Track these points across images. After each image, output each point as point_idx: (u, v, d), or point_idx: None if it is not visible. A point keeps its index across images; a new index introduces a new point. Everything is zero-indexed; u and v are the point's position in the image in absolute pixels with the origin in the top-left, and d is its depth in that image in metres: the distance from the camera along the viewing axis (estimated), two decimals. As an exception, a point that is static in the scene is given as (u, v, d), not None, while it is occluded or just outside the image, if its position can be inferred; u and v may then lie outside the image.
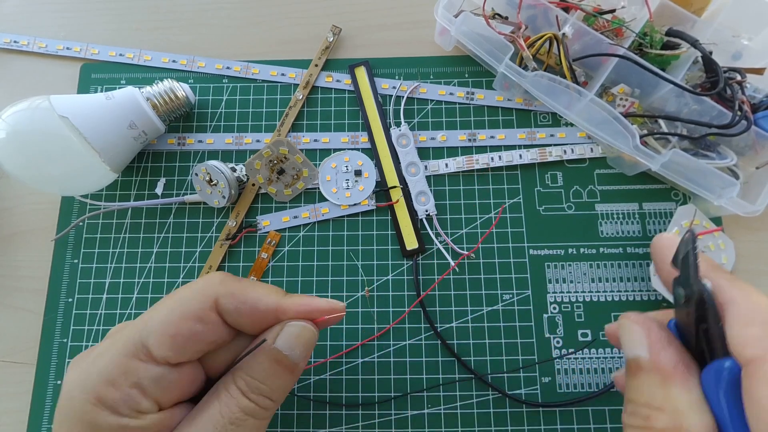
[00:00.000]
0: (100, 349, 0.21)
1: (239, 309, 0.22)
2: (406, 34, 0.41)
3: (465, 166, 0.37)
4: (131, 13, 0.42)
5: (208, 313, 0.21)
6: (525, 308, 0.34)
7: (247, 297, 0.22)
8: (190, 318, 0.21)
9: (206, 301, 0.21)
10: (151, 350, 0.20)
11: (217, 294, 0.22)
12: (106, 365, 0.20)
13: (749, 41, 0.35)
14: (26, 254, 0.37)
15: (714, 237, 0.34)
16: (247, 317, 0.22)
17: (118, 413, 0.20)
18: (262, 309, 0.22)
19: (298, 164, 0.37)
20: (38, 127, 0.31)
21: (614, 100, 0.36)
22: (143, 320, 0.21)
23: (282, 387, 0.22)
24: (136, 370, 0.20)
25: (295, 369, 0.22)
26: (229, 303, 0.22)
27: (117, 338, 0.21)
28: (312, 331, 0.22)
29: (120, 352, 0.20)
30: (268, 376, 0.21)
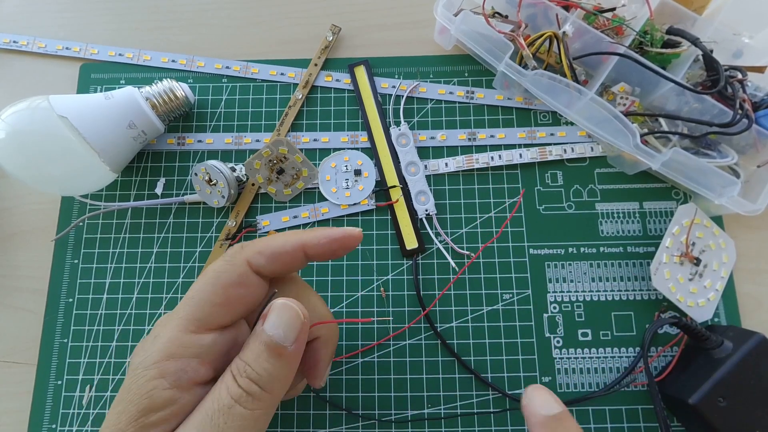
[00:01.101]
0: (155, 332, 0.22)
1: (271, 261, 0.23)
2: (405, 34, 0.41)
3: (465, 166, 0.37)
4: (131, 13, 0.42)
5: (249, 277, 0.23)
6: (525, 308, 0.34)
7: (273, 249, 0.24)
8: (233, 284, 0.22)
9: (243, 268, 0.23)
10: (202, 320, 0.22)
11: (247, 257, 0.23)
12: (163, 343, 0.21)
13: (750, 39, 0.35)
14: (26, 254, 0.37)
15: (715, 236, 0.34)
16: (279, 265, 0.24)
17: (176, 386, 0.20)
18: (289, 251, 0.24)
19: (297, 164, 0.37)
20: (38, 127, 0.31)
21: (615, 99, 0.36)
22: (188, 297, 0.22)
23: (270, 371, 0.21)
24: (193, 342, 0.21)
25: (282, 351, 0.21)
26: (260, 260, 0.23)
27: (169, 319, 0.22)
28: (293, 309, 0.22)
29: (176, 329, 0.21)
30: (256, 358, 0.21)
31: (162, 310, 0.35)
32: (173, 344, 0.21)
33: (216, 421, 0.20)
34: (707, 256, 0.34)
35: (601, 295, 0.34)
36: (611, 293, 0.34)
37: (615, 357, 0.33)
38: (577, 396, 0.32)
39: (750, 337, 0.30)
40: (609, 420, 0.32)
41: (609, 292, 0.34)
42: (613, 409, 0.32)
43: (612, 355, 0.33)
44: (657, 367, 0.33)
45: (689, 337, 0.32)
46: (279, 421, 0.33)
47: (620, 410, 0.32)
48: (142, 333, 0.35)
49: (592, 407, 0.32)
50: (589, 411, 0.32)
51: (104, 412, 0.33)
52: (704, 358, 0.31)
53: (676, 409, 0.31)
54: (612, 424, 0.32)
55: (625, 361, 0.33)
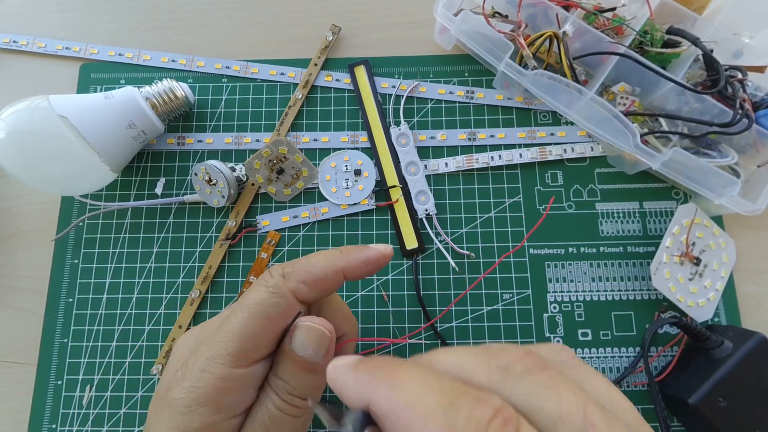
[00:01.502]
0: (199, 366, 0.22)
1: (313, 290, 0.23)
2: (405, 34, 0.40)
3: (465, 166, 0.37)
4: (131, 13, 0.42)
5: (294, 306, 0.23)
6: (525, 308, 0.34)
7: (315, 277, 0.23)
8: (281, 317, 0.22)
9: (290, 299, 0.23)
10: (254, 357, 0.22)
11: (292, 289, 0.23)
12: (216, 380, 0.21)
13: (750, 39, 0.35)
14: (26, 254, 0.37)
15: (715, 236, 0.34)
16: (320, 292, 0.24)
17: (238, 414, 0.22)
18: (330, 277, 0.24)
19: (297, 164, 0.37)
20: (38, 127, 0.31)
21: (615, 99, 0.36)
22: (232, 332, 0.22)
23: (308, 386, 0.23)
24: (248, 375, 0.22)
25: (315, 368, 0.23)
26: (304, 290, 0.23)
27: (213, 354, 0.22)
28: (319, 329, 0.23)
29: (225, 364, 0.21)
30: (291, 376, 0.22)
31: (162, 310, 0.35)
32: (226, 381, 0.21)
33: (269, 431, 0.21)
34: (707, 256, 0.34)
35: (601, 295, 0.34)
36: (611, 293, 0.34)
37: (615, 357, 0.33)
38: (577, 396, 0.32)
39: (750, 337, 0.30)
40: (609, 420, 0.32)
41: (609, 292, 0.34)
42: (613, 409, 0.32)
43: (612, 355, 0.33)
44: (657, 367, 0.33)
45: (689, 337, 0.32)
46: (279, 421, 0.33)
47: (620, 410, 0.32)
48: (142, 333, 0.35)
49: (592, 407, 0.32)
50: (589, 411, 0.32)
51: (104, 412, 0.33)
52: (704, 358, 0.31)
53: (676, 409, 0.31)
54: (612, 424, 0.32)
55: (625, 361, 0.33)
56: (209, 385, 0.21)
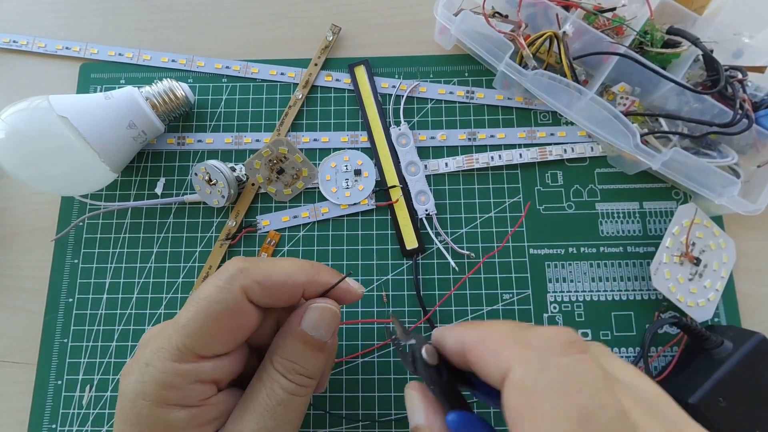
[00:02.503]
0: (147, 358, 0.21)
1: (267, 294, 0.23)
2: (405, 34, 0.40)
3: (465, 166, 0.37)
4: (131, 13, 0.42)
5: (243, 305, 0.22)
6: (525, 308, 0.34)
7: (273, 282, 0.23)
8: (228, 315, 0.22)
9: (238, 296, 0.22)
10: (199, 352, 0.21)
11: (243, 286, 0.22)
12: (159, 374, 0.21)
13: (750, 39, 0.35)
14: (26, 254, 0.37)
15: (715, 236, 0.34)
16: (274, 298, 0.23)
17: (188, 406, 0.21)
18: (288, 289, 0.23)
19: (297, 164, 0.37)
20: (38, 127, 0.31)
21: (615, 99, 0.36)
22: (180, 325, 0.22)
23: (316, 364, 0.23)
24: (192, 371, 0.21)
25: (324, 347, 0.23)
26: (256, 291, 0.22)
27: (158, 346, 0.22)
28: (333, 310, 0.24)
29: (169, 359, 0.21)
30: (301, 356, 0.23)
31: (162, 310, 0.35)
32: (169, 375, 0.21)
33: (278, 413, 0.21)
34: (707, 256, 0.34)
35: (601, 295, 0.34)
36: (611, 293, 0.34)
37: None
38: (577, 396, 0.32)
39: (750, 337, 0.30)
40: (609, 420, 0.32)
41: (609, 292, 0.34)
42: (613, 409, 0.32)
43: (612, 355, 0.33)
44: (657, 367, 0.33)
45: (689, 337, 0.32)
46: (279, 421, 0.33)
47: (620, 410, 0.32)
48: (141, 333, 0.35)
49: (592, 407, 0.32)
50: (589, 411, 0.32)
51: (104, 412, 0.33)
52: (704, 358, 0.31)
53: (676, 409, 0.31)
54: (612, 424, 0.32)
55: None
56: (151, 378, 0.21)
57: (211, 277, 0.23)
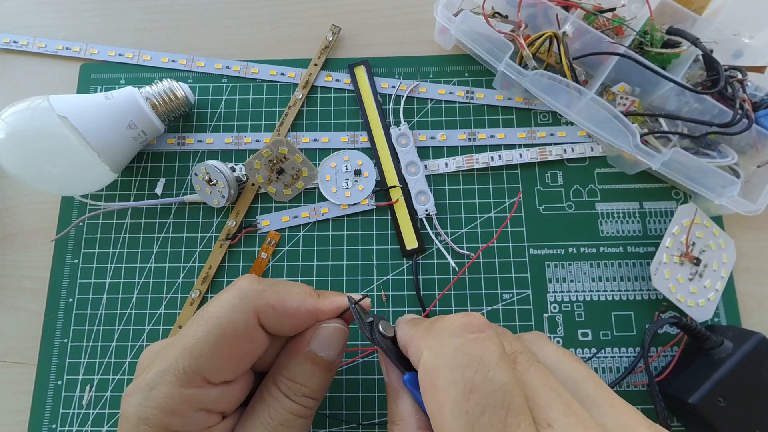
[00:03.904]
0: (150, 379, 0.20)
1: (280, 320, 0.22)
2: (405, 34, 0.40)
3: (465, 166, 0.37)
4: (131, 13, 0.42)
5: (255, 330, 0.21)
6: (525, 308, 0.34)
7: (287, 307, 0.22)
8: (239, 338, 0.21)
9: (250, 319, 0.21)
10: (207, 377, 0.20)
11: (257, 309, 0.21)
12: (164, 399, 0.20)
13: (750, 39, 0.35)
14: (26, 254, 0.37)
15: (715, 236, 0.34)
16: (286, 325, 0.23)
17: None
18: (302, 314, 0.23)
19: (297, 164, 0.37)
20: (38, 127, 0.31)
21: (615, 99, 0.36)
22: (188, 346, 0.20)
23: (323, 385, 0.23)
24: (197, 397, 0.20)
25: (332, 367, 0.23)
26: (270, 317, 0.22)
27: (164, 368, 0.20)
28: (343, 331, 0.24)
29: (175, 383, 0.20)
30: (309, 378, 0.22)
31: (162, 310, 0.35)
32: (174, 400, 0.20)
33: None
34: (707, 256, 0.34)
35: (601, 295, 0.34)
36: (611, 293, 0.34)
37: (615, 357, 0.33)
38: (577, 396, 0.32)
39: (750, 337, 0.30)
40: (609, 420, 0.32)
41: (609, 292, 0.34)
42: (613, 409, 0.32)
43: (612, 355, 0.33)
44: (657, 367, 0.33)
45: (689, 337, 0.32)
46: (279, 421, 0.33)
47: (620, 410, 0.32)
48: (141, 333, 0.35)
49: (592, 407, 0.32)
50: (589, 411, 0.32)
51: (104, 412, 0.33)
52: (704, 358, 0.31)
53: (676, 409, 0.31)
54: (612, 424, 0.32)
55: (625, 361, 0.33)
56: (155, 403, 0.20)
57: (222, 294, 0.22)
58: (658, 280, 0.33)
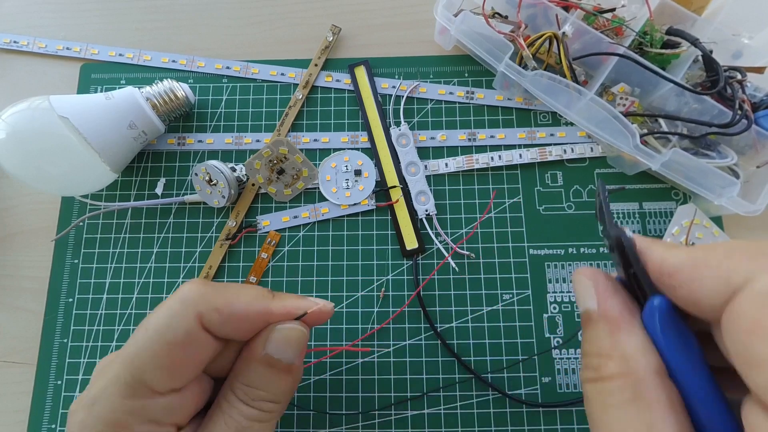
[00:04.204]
0: (93, 394, 0.19)
1: (227, 322, 0.21)
2: (405, 34, 0.41)
3: (465, 166, 0.37)
4: (131, 13, 0.42)
5: (197, 334, 0.20)
6: (525, 308, 0.34)
7: (233, 309, 0.21)
8: (180, 344, 0.20)
9: (191, 323, 0.20)
10: (150, 385, 0.19)
11: (200, 312, 0.20)
12: (107, 413, 0.19)
13: (749, 40, 0.35)
14: (26, 254, 0.37)
15: (714, 237, 0.34)
16: (235, 329, 0.21)
17: None
18: (251, 317, 0.21)
19: (297, 164, 0.37)
20: (38, 127, 0.31)
21: (614, 99, 0.36)
22: (128, 356, 0.20)
23: (283, 388, 0.22)
24: (143, 408, 0.19)
25: (291, 369, 0.22)
26: (214, 319, 0.21)
27: (106, 382, 0.19)
28: (301, 331, 0.22)
29: (117, 395, 0.19)
30: (265, 382, 0.21)
31: (162, 310, 0.35)
32: (118, 413, 0.19)
33: None
34: (707, 257, 0.34)
35: (600, 296, 0.34)
36: (611, 293, 0.34)
37: (615, 357, 0.33)
38: (578, 396, 0.32)
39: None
40: (609, 420, 0.32)
41: (609, 292, 0.34)
42: (613, 409, 0.32)
43: (612, 355, 0.33)
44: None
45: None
46: (279, 422, 0.33)
47: (620, 410, 0.32)
48: (142, 333, 0.35)
49: (591, 407, 0.32)
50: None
51: (104, 412, 0.33)
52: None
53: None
54: (612, 424, 0.32)
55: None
56: (98, 419, 0.19)
57: (165, 301, 0.21)
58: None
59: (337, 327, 0.34)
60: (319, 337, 0.34)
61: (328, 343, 0.34)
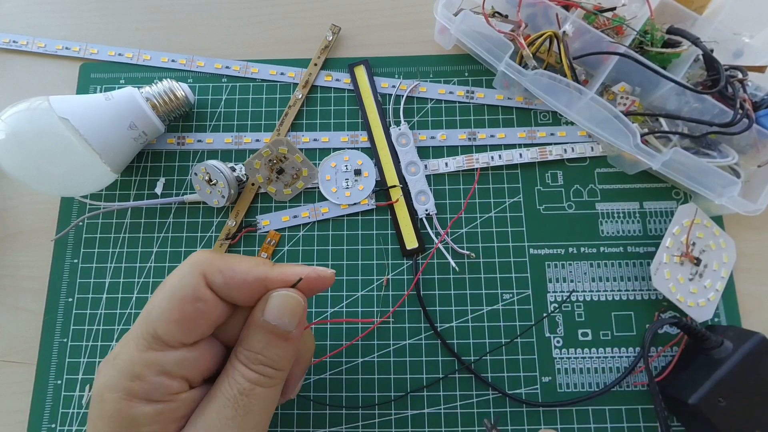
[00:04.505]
0: (116, 351, 0.22)
1: (229, 284, 0.23)
2: (405, 33, 0.40)
3: (465, 166, 0.37)
4: (131, 13, 0.42)
5: (203, 291, 0.22)
6: (525, 308, 0.34)
7: (234, 272, 0.23)
8: (189, 299, 0.22)
9: (198, 281, 0.22)
10: (162, 338, 0.21)
11: (205, 272, 0.22)
12: (125, 364, 0.21)
13: (750, 39, 0.35)
14: (26, 254, 0.37)
15: (715, 236, 0.34)
16: (237, 291, 0.23)
17: (153, 401, 0.21)
18: (250, 281, 0.23)
19: (297, 164, 0.37)
20: (38, 127, 0.31)
21: (615, 99, 0.36)
22: (145, 313, 0.22)
23: (281, 355, 0.23)
24: (157, 360, 0.21)
25: (288, 336, 0.23)
26: (218, 279, 0.22)
27: (128, 338, 0.22)
28: (295, 298, 0.23)
29: (135, 348, 0.21)
30: (264, 347, 0.22)
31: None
32: (135, 365, 0.21)
33: (239, 403, 0.21)
34: (707, 256, 0.34)
35: (601, 295, 0.34)
36: (611, 293, 0.34)
37: (615, 357, 0.33)
38: (578, 396, 0.32)
39: (750, 337, 0.30)
40: (609, 420, 0.32)
41: (609, 292, 0.34)
42: (613, 409, 0.32)
43: (612, 355, 0.33)
44: (657, 367, 0.33)
45: (689, 337, 0.32)
46: (279, 421, 0.33)
47: (620, 410, 0.32)
48: (142, 333, 0.35)
49: (592, 407, 0.32)
50: (589, 411, 0.32)
51: (104, 412, 0.33)
52: (704, 358, 0.31)
53: (676, 409, 0.31)
54: (612, 424, 0.32)
55: (625, 361, 0.33)
56: (117, 370, 0.21)
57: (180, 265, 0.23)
58: (658, 280, 0.33)
59: (337, 327, 0.34)
60: (320, 336, 0.34)
61: (328, 342, 0.34)
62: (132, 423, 0.20)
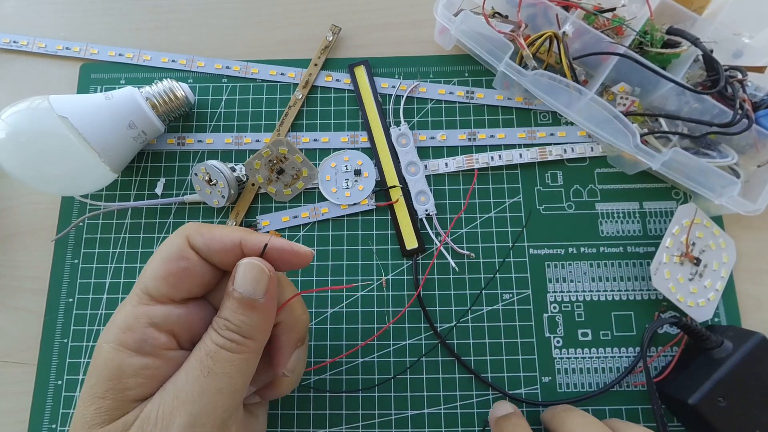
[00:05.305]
0: (116, 311, 0.24)
1: (208, 245, 0.24)
2: (405, 34, 0.40)
3: (465, 166, 0.37)
4: (131, 13, 0.42)
5: (186, 251, 0.24)
6: (525, 308, 0.34)
7: (213, 234, 0.25)
8: (173, 258, 0.24)
9: (182, 242, 0.24)
10: (151, 293, 0.24)
11: (189, 235, 0.25)
12: (121, 318, 0.23)
13: (750, 39, 0.35)
14: (26, 254, 0.37)
15: (715, 236, 0.34)
16: (217, 253, 0.25)
17: (141, 353, 0.22)
18: (227, 244, 0.24)
19: (297, 164, 0.37)
20: (38, 127, 0.31)
21: (615, 99, 0.36)
22: (140, 276, 0.25)
23: (248, 323, 0.23)
24: (146, 313, 0.23)
25: (255, 305, 0.23)
26: (198, 240, 0.24)
27: (126, 299, 0.24)
28: (258, 266, 0.24)
29: (129, 305, 0.24)
30: (231, 314, 0.23)
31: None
32: (128, 317, 0.23)
33: (205, 363, 0.22)
34: (707, 256, 0.34)
35: (601, 295, 0.34)
36: (611, 293, 0.34)
37: (615, 357, 0.33)
38: (577, 396, 0.32)
39: (750, 337, 0.30)
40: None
41: (609, 292, 0.34)
42: (613, 409, 0.32)
43: (612, 355, 0.33)
44: (657, 367, 0.33)
45: (689, 337, 0.32)
46: (279, 421, 0.33)
47: (620, 410, 0.32)
48: (142, 333, 0.35)
49: (592, 407, 0.32)
50: (589, 411, 0.32)
51: (104, 412, 0.33)
52: (704, 358, 0.31)
53: (676, 409, 0.31)
54: (612, 424, 0.32)
55: (625, 361, 0.33)
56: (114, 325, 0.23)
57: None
58: (658, 280, 0.33)
59: (337, 326, 0.34)
60: (320, 336, 0.34)
61: (328, 343, 0.34)
62: (119, 372, 0.22)
